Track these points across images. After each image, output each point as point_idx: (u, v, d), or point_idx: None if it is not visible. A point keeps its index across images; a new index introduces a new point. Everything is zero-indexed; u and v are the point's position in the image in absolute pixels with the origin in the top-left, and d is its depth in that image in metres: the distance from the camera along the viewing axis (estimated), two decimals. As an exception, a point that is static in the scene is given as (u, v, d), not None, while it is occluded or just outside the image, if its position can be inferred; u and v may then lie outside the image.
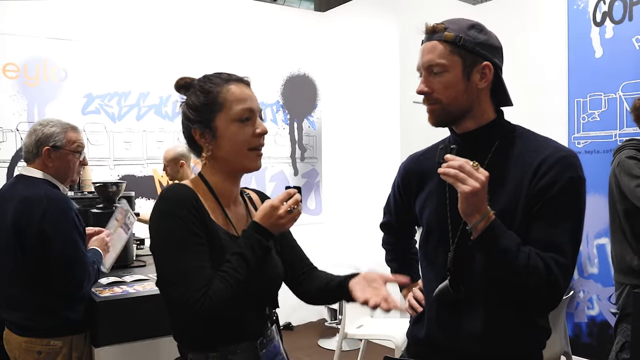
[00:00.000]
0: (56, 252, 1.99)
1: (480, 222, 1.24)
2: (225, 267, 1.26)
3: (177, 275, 1.24)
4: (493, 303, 1.35)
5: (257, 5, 5.22)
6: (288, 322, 5.09)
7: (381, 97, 4.77)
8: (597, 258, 3.94)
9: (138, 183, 4.40)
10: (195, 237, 1.27)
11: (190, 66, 4.44)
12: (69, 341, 2.06)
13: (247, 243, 1.27)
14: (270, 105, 5.21)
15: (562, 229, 1.28)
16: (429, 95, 1.37)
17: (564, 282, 1.27)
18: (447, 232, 1.41)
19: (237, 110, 1.35)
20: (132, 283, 2.42)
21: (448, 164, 1.24)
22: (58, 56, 4.15)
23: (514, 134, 1.41)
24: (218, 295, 1.22)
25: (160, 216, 1.30)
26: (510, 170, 1.34)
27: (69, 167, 2.16)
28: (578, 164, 1.31)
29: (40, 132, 2.12)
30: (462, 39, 1.33)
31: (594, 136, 3.94)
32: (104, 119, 4.35)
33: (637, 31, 3.70)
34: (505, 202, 1.31)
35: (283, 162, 5.31)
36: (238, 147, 1.36)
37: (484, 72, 1.35)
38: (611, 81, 3.82)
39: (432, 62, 1.35)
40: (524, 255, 1.25)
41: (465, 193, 1.21)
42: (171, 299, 1.27)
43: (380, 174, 4.66)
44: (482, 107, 1.39)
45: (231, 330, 1.33)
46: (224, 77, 1.39)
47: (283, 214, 1.27)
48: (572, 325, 4.05)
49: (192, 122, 1.36)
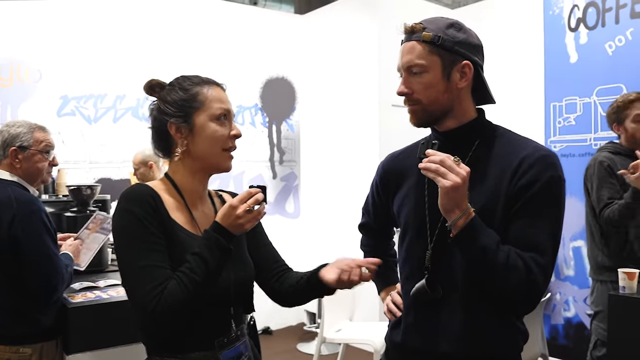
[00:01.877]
0: (27, 254, 1.95)
1: (460, 219, 1.23)
2: (183, 268, 1.24)
3: (132, 273, 1.24)
4: (471, 303, 1.34)
5: (237, 8, 5.20)
6: (267, 327, 5.05)
7: (360, 100, 4.78)
8: (573, 260, 3.99)
9: (114, 186, 4.32)
10: (151, 236, 1.26)
11: (168, 68, 4.39)
12: (39, 348, 2.02)
13: (206, 243, 1.26)
14: (249, 108, 5.18)
15: (542, 228, 1.27)
16: (410, 96, 1.37)
17: (543, 282, 1.26)
18: (425, 230, 1.40)
19: (215, 108, 1.36)
20: (105, 288, 2.38)
21: (429, 159, 1.23)
22: (32, 57, 4.07)
23: (494, 133, 1.41)
24: (173, 296, 1.21)
25: (117, 215, 1.29)
26: (491, 169, 1.34)
27: (37, 167, 2.13)
28: (558, 164, 1.31)
29: (7, 133, 2.09)
30: (440, 38, 1.32)
31: (570, 140, 3.99)
32: (79, 121, 4.28)
33: (609, 37, 3.76)
34: (485, 200, 1.31)
35: (262, 165, 5.28)
36: (214, 145, 1.36)
37: (464, 71, 1.35)
38: (586, 86, 3.88)
39: (411, 63, 1.34)
40: (504, 254, 1.24)
41: (446, 188, 1.20)
42: (128, 298, 1.27)
43: (359, 177, 4.66)
44: (463, 106, 1.39)
45: (190, 329, 1.31)
46: (203, 78, 1.41)
47: (242, 213, 1.26)
48: (549, 327, 4.09)
49: (169, 116, 1.35)
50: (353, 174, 4.78)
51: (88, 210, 2.84)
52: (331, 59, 5.12)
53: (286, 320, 5.28)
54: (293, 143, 5.52)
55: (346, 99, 4.94)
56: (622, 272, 2.39)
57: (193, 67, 4.59)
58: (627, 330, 2.37)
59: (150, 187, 1.34)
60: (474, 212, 1.24)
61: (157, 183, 1.40)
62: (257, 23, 5.21)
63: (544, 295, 1.33)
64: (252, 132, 5.18)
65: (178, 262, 1.26)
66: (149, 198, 1.30)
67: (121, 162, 4.41)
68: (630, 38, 3.65)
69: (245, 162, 5.12)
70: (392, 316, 1.53)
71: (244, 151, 5.07)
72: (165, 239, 1.28)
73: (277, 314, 5.12)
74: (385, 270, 1.75)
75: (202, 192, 1.44)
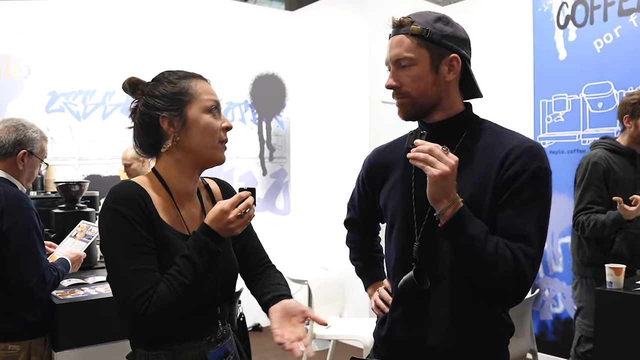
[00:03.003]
0: (12, 250, 1.94)
1: (448, 208, 1.23)
2: (172, 271, 1.23)
3: (121, 277, 1.22)
4: (458, 295, 1.34)
5: (227, 4, 5.18)
6: (257, 323, 5.05)
7: (350, 97, 4.78)
8: (562, 257, 4.02)
9: (103, 183, 4.30)
10: (140, 238, 1.24)
11: (158, 64, 4.35)
12: (27, 345, 2.01)
13: (196, 246, 1.25)
14: (239, 105, 5.17)
15: (529, 219, 1.28)
16: (398, 89, 1.37)
17: (531, 273, 1.27)
18: (413, 222, 1.40)
19: (206, 100, 1.35)
20: (94, 285, 2.37)
21: (417, 148, 1.23)
22: (21, 52, 4.03)
23: (481, 126, 1.42)
24: (163, 300, 1.20)
25: (105, 215, 1.27)
26: (478, 161, 1.34)
27: (33, 174, 2.19)
28: (544, 155, 1.32)
29: (23, 133, 2.13)
30: (428, 31, 1.33)
31: (559, 137, 4.01)
32: (68, 117, 4.25)
33: (598, 34, 3.79)
34: (472, 191, 1.31)
35: (251, 161, 5.27)
36: (209, 137, 1.34)
37: (451, 64, 1.35)
38: (574, 83, 3.91)
39: (400, 56, 1.35)
40: (492, 245, 1.24)
41: (434, 176, 1.20)
42: (116, 300, 1.25)
43: (349, 173, 4.65)
44: (451, 99, 1.39)
45: (177, 329, 1.30)
46: (189, 72, 1.40)
47: (233, 218, 1.25)
48: (538, 323, 4.12)
49: (161, 109, 1.32)
50: (343, 170, 4.79)
51: (77, 206, 2.82)
52: (321, 56, 5.12)
53: (276, 317, 5.27)
54: (283, 140, 5.51)
55: (336, 95, 4.94)
56: (609, 268, 2.41)
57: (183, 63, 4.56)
58: (613, 326, 2.39)
59: (138, 185, 1.31)
60: (462, 202, 1.24)
61: (144, 180, 1.35)
62: (247, 19, 5.19)
63: (532, 288, 1.33)
64: (242, 128, 5.16)
65: (167, 263, 1.25)
66: (138, 198, 1.27)
67: (110, 159, 4.39)
68: (618, 35, 3.68)
69: (235, 159, 5.10)
70: (380, 312, 1.53)
71: (234, 148, 5.06)
72: (154, 239, 1.26)
73: (268, 310, 5.12)
74: (371, 266, 1.76)
75: (192, 190, 1.42)
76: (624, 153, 2.80)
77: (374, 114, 4.59)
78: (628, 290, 2.36)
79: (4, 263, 1.94)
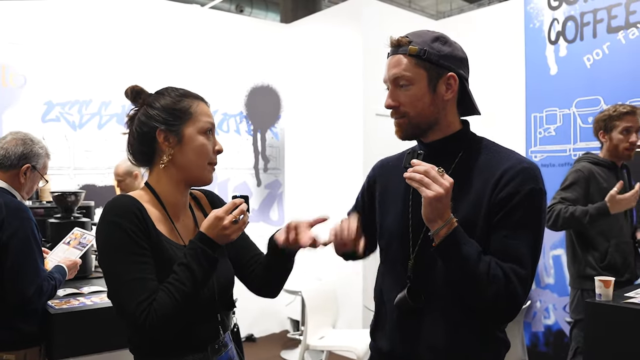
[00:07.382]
0: (11, 260, 1.95)
1: (442, 229, 1.25)
2: (171, 279, 1.25)
3: (121, 287, 1.24)
4: (453, 312, 1.35)
5: (223, 16, 5.22)
6: (250, 334, 5.05)
7: (344, 109, 4.82)
8: (553, 269, 4.06)
9: (99, 193, 4.31)
10: (138, 249, 1.26)
11: (154, 75, 4.40)
12: (22, 355, 2.01)
13: (193, 254, 1.27)
14: (234, 116, 5.20)
15: (522, 240, 1.29)
16: (397, 108, 1.39)
17: (522, 294, 1.28)
18: (408, 240, 1.41)
19: (204, 122, 1.38)
20: (89, 295, 2.38)
21: (414, 169, 1.25)
22: (17, 62, 4.05)
23: (478, 144, 1.43)
24: (163, 309, 1.21)
25: (103, 227, 1.29)
26: (473, 180, 1.36)
27: (33, 188, 2.22)
28: (539, 176, 1.33)
29: (30, 148, 2.16)
30: (426, 52, 1.35)
31: (550, 150, 4.07)
32: (64, 127, 4.26)
33: (588, 50, 3.86)
34: (467, 211, 1.32)
35: (246, 172, 5.29)
36: (201, 158, 1.37)
37: (449, 83, 1.37)
38: (565, 97, 3.97)
39: (398, 76, 1.37)
40: (485, 265, 1.26)
41: (429, 198, 1.22)
42: (116, 310, 1.26)
43: (343, 185, 4.69)
44: (448, 118, 1.41)
45: (180, 338, 1.32)
46: (191, 93, 1.43)
47: (228, 224, 1.27)
48: (529, 335, 4.15)
49: (160, 122, 1.35)
50: (337, 182, 4.82)
51: (72, 216, 2.83)
52: (316, 68, 5.16)
53: (270, 328, 5.28)
54: (278, 151, 5.54)
55: (331, 107, 4.98)
56: (599, 280, 2.44)
57: (179, 74, 4.60)
58: (603, 338, 2.42)
59: (134, 199, 1.33)
60: (457, 222, 1.26)
61: (139, 193, 1.38)
62: (243, 31, 5.23)
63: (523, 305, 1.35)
64: (236, 139, 5.19)
65: (165, 273, 1.26)
66: (135, 210, 1.29)
67: (106, 169, 4.39)
68: (607, 52, 3.75)
69: (229, 170, 5.12)
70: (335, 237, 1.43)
71: (228, 159, 5.08)
72: (152, 250, 1.28)
73: (261, 321, 5.12)
74: None
75: (184, 203, 1.45)
76: (607, 165, 2.91)
77: (368, 126, 4.63)
78: (617, 303, 2.40)
79: (2, 272, 1.95)
